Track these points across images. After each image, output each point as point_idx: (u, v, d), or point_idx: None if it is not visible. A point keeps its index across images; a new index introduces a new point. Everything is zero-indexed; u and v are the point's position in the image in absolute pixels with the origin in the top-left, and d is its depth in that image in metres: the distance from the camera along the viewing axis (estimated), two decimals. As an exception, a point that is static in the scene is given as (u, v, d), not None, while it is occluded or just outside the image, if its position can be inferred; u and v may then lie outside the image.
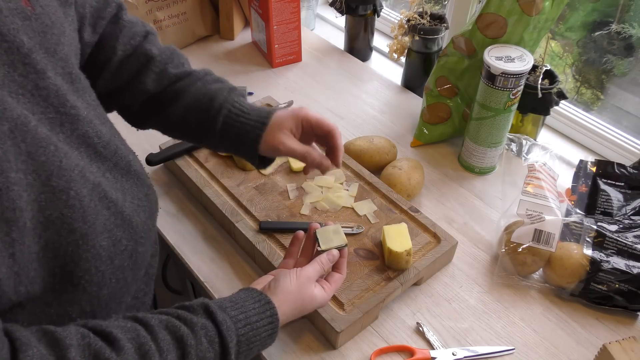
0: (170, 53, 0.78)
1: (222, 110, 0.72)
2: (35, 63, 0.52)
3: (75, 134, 0.56)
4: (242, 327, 0.60)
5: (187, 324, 0.57)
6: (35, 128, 0.50)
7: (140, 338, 0.53)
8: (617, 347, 0.69)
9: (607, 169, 0.93)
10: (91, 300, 0.57)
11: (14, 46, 0.50)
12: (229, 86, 0.76)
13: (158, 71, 0.75)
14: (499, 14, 0.92)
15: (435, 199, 0.99)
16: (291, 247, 0.76)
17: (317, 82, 1.26)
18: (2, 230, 0.45)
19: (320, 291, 0.69)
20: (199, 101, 0.74)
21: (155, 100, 0.76)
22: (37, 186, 0.49)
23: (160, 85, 0.76)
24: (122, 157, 0.62)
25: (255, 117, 0.72)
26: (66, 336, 0.49)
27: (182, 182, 1.00)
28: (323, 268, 0.71)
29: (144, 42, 0.76)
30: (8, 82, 0.49)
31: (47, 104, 0.53)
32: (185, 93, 0.75)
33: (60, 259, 0.52)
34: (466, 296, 0.84)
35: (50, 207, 0.50)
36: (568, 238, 0.84)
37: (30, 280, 0.49)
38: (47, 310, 0.54)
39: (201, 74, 0.77)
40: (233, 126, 0.72)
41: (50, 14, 0.56)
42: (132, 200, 0.62)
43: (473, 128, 0.99)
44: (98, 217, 0.55)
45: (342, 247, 0.73)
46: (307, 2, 1.43)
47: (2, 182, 0.45)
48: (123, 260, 0.59)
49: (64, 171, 0.51)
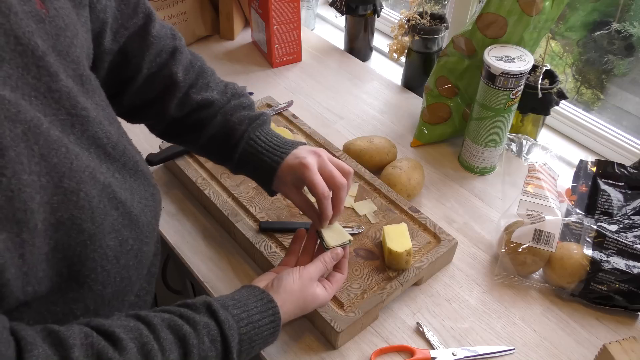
0: (195, 75, 0.78)
1: (238, 148, 0.75)
2: (48, 66, 0.52)
3: (85, 135, 0.56)
4: (244, 325, 0.61)
5: (190, 322, 0.57)
6: (48, 130, 0.50)
7: (143, 337, 0.53)
8: (617, 347, 0.69)
9: (607, 169, 0.93)
10: (95, 298, 0.57)
11: (29, 49, 0.50)
12: (249, 115, 0.76)
13: (181, 96, 0.77)
14: (499, 14, 0.92)
15: (435, 199, 0.99)
16: (293, 244, 0.76)
17: (317, 82, 1.26)
18: (12, 232, 0.45)
19: (322, 291, 0.69)
20: (219, 134, 0.76)
21: (177, 125, 0.79)
22: (50, 188, 0.49)
23: (182, 111, 0.77)
24: (130, 157, 0.62)
25: (268, 156, 0.74)
26: (70, 336, 0.49)
27: (182, 182, 1.00)
28: (326, 267, 0.71)
29: (171, 61, 0.76)
30: (22, 84, 0.49)
31: (59, 106, 0.53)
32: (207, 125, 0.77)
33: (68, 259, 0.52)
34: (466, 296, 0.84)
35: (62, 208, 0.50)
36: (568, 238, 0.84)
37: (38, 281, 0.50)
38: (52, 309, 0.54)
39: (224, 101, 0.78)
40: (248, 163, 0.75)
41: (64, 16, 0.57)
42: (140, 200, 0.62)
43: (473, 128, 0.99)
44: (106, 217, 0.55)
45: (347, 244, 0.73)
46: (307, 2, 1.43)
47: (15, 184, 0.45)
48: (128, 259, 0.59)
49: (75, 172, 0.52)
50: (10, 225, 0.45)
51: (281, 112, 1.10)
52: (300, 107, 1.18)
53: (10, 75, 0.48)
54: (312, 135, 1.04)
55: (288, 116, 1.09)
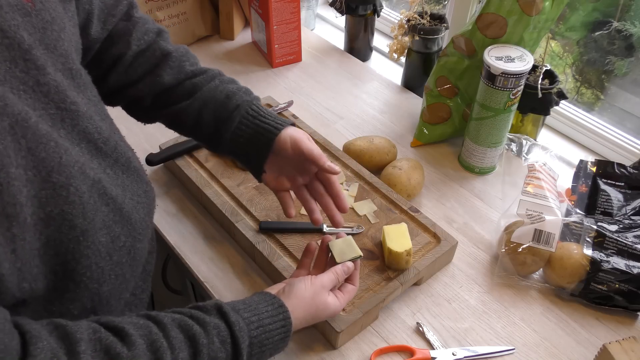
0: (185, 51, 0.79)
1: (240, 110, 0.73)
2: (35, 59, 0.52)
3: (75, 130, 0.56)
4: (255, 329, 0.61)
5: (200, 323, 0.57)
6: (36, 124, 0.50)
7: (152, 335, 0.53)
8: (617, 347, 0.69)
9: (607, 169, 0.93)
10: (92, 297, 0.57)
11: (15, 42, 0.50)
12: (244, 88, 0.77)
13: (175, 66, 0.76)
14: (499, 14, 0.92)
15: (435, 199, 0.99)
16: (304, 258, 0.75)
17: (317, 82, 1.26)
18: (3, 226, 0.45)
19: (334, 299, 0.69)
20: (215, 98, 0.75)
21: (170, 93, 0.77)
22: (37, 182, 0.49)
23: (177, 79, 0.76)
24: (122, 153, 0.62)
25: (272, 120, 0.73)
26: (77, 330, 0.49)
27: (182, 182, 1.00)
28: (338, 279, 0.71)
29: (158, 39, 0.77)
30: (9, 78, 0.49)
31: (47, 100, 0.53)
32: (202, 89, 0.75)
33: (61, 256, 0.52)
34: (466, 296, 0.84)
35: (51, 203, 0.50)
36: (568, 238, 0.84)
37: (33, 277, 0.50)
38: (49, 308, 0.54)
39: (216, 72, 0.79)
40: (248, 127, 0.73)
41: (50, 9, 0.57)
42: (132, 197, 0.62)
43: (473, 128, 0.99)
44: (97, 213, 0.55)
45: (357, 258, 0.73)
46: (307, 2, 1.43)
47: (3, 178, 0.45)
48: (121, 256, 0.59)
49: (64, 167, 0.51)
50: (1, 219, 0.45)
51: (281, 112, 1.10)
52: (300, 107, 1.18)
53: None
54: (312, 135, 1.04)
55: (288, 116, 1.09)
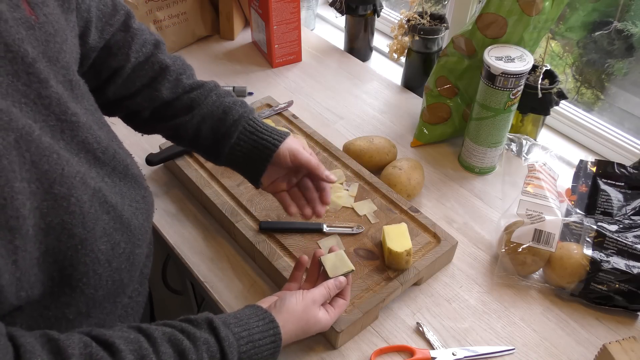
0: (182, 64, 0.80)
1: (238, 125, 0.75)
2: (38, 72, 0.52)
3: (75, 141, 0.56)
4: (245, 344, 0.61)
5: (190, 338, 0.57)
6: (39, 137, 0.50)
7: (142, 350, 0.53)
8: (617, 347, 0.69)
9: (607, 169, 0.93)
10: (87, 301, 0.57)
11: (19, 56, 0.50)
12: (239, 101, 0.78)
13: (172, 79, 0.77)
14: (499, 14, 0.92)
15: (435, 199, 0.99)
16: (295, 271, 0.76)
17: (317, 82, 1.26)
18: (5, 238, 0.46)
19: (325, 314, 0.70)
20: (213, 114, 0.76)
21: (168, 107, 0.78)
22: (39, 194, 0.49)
23: (175, 93, 0.77)
24: (120, 161, 0.62)
25: (268, 136, 0.75)
26: (69, 345, 0.49)
27: (182, 182, 1.00)
28: (329, 293, 0.71)
29: (156, 51, 0.78)
30: (12, 91, 0.49)
31: (48, 112, 0.53)
32: (200, 104, 0.77)
33: (59, 263, 0.52)
34: (466, 296, 0.84)
35: (52, 214, 0.50)
36: (568, 238, 0.84)
37: (30, 285, 0.50)
38: (45, 313, 0.54)
39: (212, 85, 0.79)
40: (246, 142, 0.75)
41: (53, 22, 0.57)
42: (131, 204, 0.62)
43: (473, 128, 0.99)
44: (98, 222, 0.55)
45: (349, 273, 0.73)
46: (307, 2, 1.43)
47: (8, 192, 0.45)
48: (120, 262, 0.59)
49: (66, 178, 0.52)
50: (4, 232, 0.45)
51: (281, 112, 1.10)
52: (300, 107, 1.18)
53: (1, 83, 0.48)
54: (312, 135, 1.04)
55: (288, 116, 1.09)
